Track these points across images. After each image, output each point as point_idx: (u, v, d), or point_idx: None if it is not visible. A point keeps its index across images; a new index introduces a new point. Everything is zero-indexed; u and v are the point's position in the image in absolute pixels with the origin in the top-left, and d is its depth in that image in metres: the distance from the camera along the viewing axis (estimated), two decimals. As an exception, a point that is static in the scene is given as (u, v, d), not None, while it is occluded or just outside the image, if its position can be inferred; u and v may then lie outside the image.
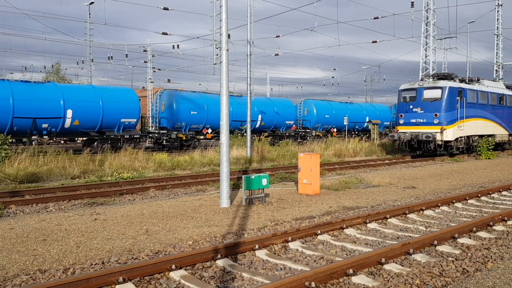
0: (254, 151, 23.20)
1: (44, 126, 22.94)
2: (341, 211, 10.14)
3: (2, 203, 10.88)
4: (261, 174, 10.85)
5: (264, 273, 6.04)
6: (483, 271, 5.90)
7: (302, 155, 12.43)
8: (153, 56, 52.64)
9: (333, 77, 67.53)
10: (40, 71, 55.22)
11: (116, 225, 8.52)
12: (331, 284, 5.57)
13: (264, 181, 10.75)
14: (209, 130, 30.73)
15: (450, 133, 23.16)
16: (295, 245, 7.33)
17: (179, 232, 8.03)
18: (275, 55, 41.67)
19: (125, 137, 26.00)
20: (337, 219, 8.74)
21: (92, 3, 41.27)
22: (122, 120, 25.84)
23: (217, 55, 10.76)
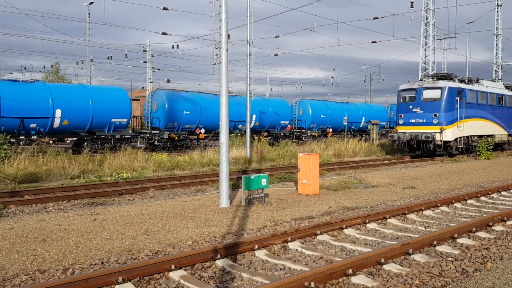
0: (253, 151, 23.21)
1: (32, 126, 22.48)
2: (340, 211, 10.14)
3: (2, 203, 10.86)
4: (260, 174, 10.85)
5: (263, 273, 6.04)
6: (482, 271, 5.90)
7: (301, 155, 12.43)
8: (152, 56, 52.68)
9: (332, 77, 67.64)
10: (39, 71, 55.26)
11: (115, 225, 8.52)
12: (331, 284, 5.57)
13: (264, 181, 10.75)
14: (202, 130, 30.32)
15: (450, 133, 23.17)
16: (294, 245, 7.33)
17: (178, 232, 8.03)
18: (275, 55, 41.75)
19: (116, 137, 25.55)
20: (336, 219, 8.74)
21: (92, 3, 41.27)
22: (113, 120, 25.40)
23: (217, 55, 10.77)
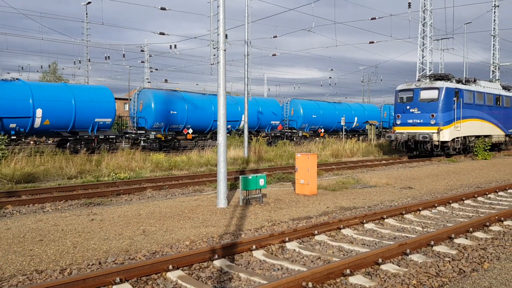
0: (251, 151, 23.21)
1: (12, 126, 21.97)
2: (338, 211, 10.15)
3: (-1, 203, 10.85)
4: (258, 175, 10.85)
5: (261, 274, 6.04)
6: (479, 271, 5.92)
7: (299, 155, 12.43)
8: (150, 56, 52.64)
9: (330, 77, 67.79)
10: (37, 71, 55.24)
11: (113, 225, 8.51)
12: (328, 284, 5.58)
13: (262, 181, 10.75)
14: (190, 131, 29.74)
15: (447, 134, 23.23)
16: (292, 245, 7.34)
17: (176, 233, 8.02)
18: (273, 55, 41.85)
19: (99, 137, 25.11)
20: (334, 219, 8.75)
21: (89, 3, 41.23)
22: (97, 119, 24.93)
23: (215, 55, 10.76)
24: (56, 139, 25.95)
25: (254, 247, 6.97)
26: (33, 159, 17.17)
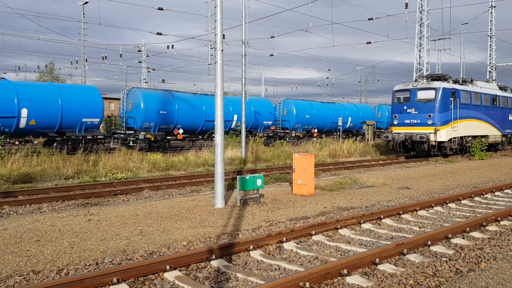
0: (248, 152, 23.20)
1: None
2: (335, 211, 10.16)
3: (-5, 203, 10.81)
4: (255, 175, 10.85)
5: (258, 274, 6.05)
6: (476, 271, 5.93)
7: (296, 155, 12.44)
8: (147, 56, 52.59)
9: (327, 77, 67.89)
10: (34, 71, 55.05)
11: (110, 225, 8.50)
12: (326, 284, 5.58)
13: (259, 182, 10.75)
14: (180, 131, 29.30)
15: (444, 134, 23.29)
16: (289, 245, 7.34)
17: (173, 233, 8.02)
18: (270, 55, 41.81)
19: (87, 137, 24.71)
20: (331, 219, 8.76)
21: (86, 3, 41.16)
22: (84, 120, 24.47)
23: (212, 55, 10.75)
24: (42, 139, 25.43)
25: (251, 247, 6.97)
26: (30, 159, 17.13)
